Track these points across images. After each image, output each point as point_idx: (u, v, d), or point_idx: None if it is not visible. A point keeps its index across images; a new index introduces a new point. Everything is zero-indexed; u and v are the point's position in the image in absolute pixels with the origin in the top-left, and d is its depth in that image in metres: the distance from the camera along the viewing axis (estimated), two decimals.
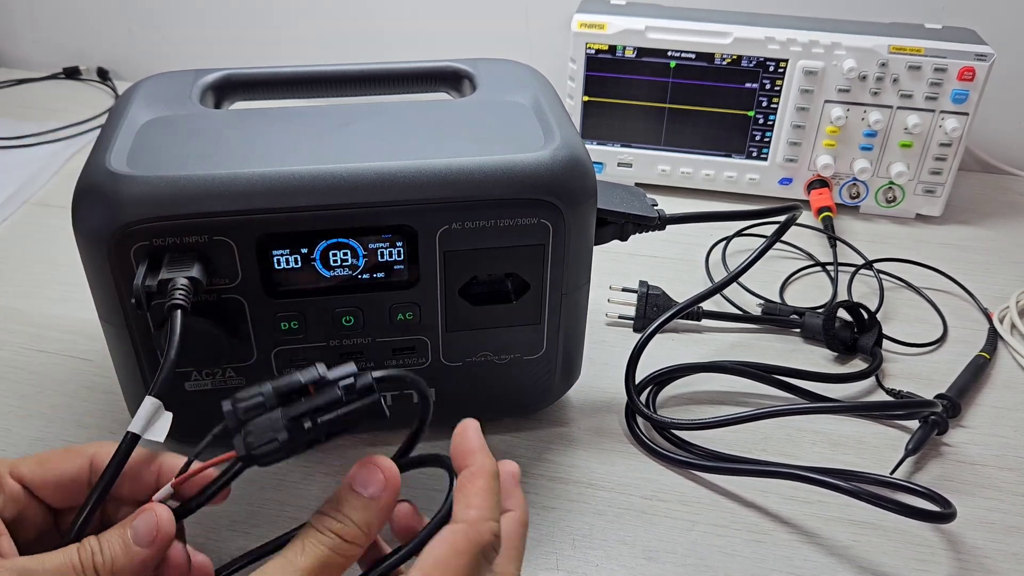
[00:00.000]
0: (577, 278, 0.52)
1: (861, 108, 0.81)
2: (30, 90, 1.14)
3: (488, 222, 0.48)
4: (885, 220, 0.87)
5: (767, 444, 0.58)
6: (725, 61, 0.82)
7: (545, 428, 0.59)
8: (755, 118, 0.84)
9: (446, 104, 0.54)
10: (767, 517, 0.53)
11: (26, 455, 0.40)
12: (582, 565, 0.50)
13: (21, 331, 0.67)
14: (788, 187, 0.87)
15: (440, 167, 0.46)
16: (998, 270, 0.78)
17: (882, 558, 0.50)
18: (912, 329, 0.70)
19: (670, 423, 0.57)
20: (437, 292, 0.50)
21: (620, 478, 0.55)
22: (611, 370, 0.62)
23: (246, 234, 0.45)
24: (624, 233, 0.56)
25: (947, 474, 0.56)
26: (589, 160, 0.50)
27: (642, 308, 0.69)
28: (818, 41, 0.79)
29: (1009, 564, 0.50)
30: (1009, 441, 0.59)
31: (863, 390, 0.64)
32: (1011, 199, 0.92)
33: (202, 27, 1.13)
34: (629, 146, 0.88)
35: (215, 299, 0.47)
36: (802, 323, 0.68)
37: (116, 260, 0.44)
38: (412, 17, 1.03)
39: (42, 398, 0.61)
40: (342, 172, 0.46)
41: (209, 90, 0.56)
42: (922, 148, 0.82)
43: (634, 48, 0.83)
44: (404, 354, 0.52)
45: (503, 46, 1.03)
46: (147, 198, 0.44)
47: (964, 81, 0.78)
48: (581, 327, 0.56)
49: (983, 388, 0.64)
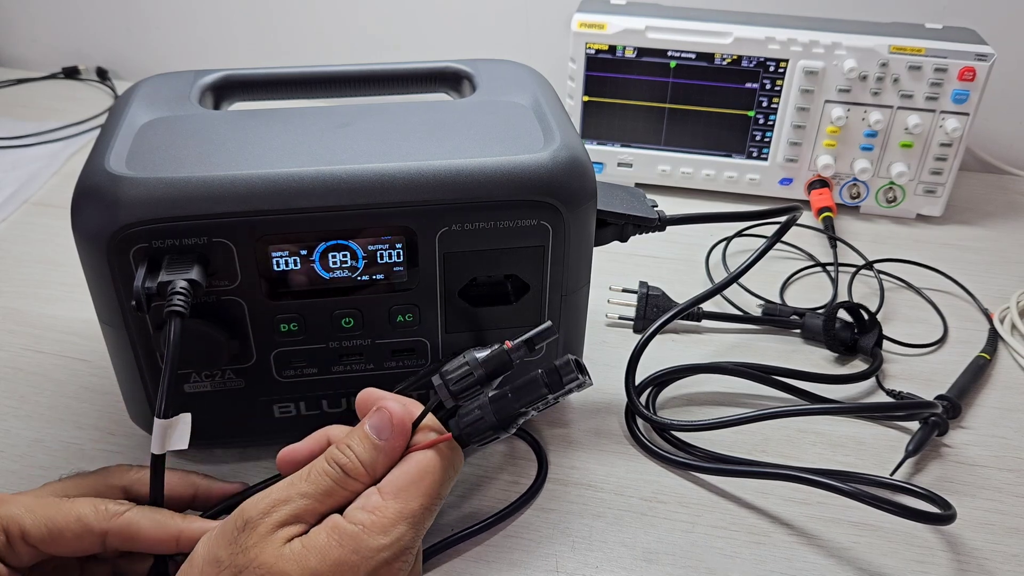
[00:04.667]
0: (577, 279, 0.52)
1: (861, 108, 0.81)
2: (29, 90, 1.13)
3: (488, 223, 0.47)
4: (885, 220, 0.87)
5: (767, 445, 0.58)
6: (725, 61, 0.82)
7: (545, 428, 0.59)
8: (755, 118, 0.84)
9: (446, 105, 0.54)
10: (767, 518, 0.53)
11: (32, 506, 0.41)
12: (581, 567, 0.50)
13: (20, 331, 0.67)
14: (788, 187, 0.87)
15: (440, 168, 0.46)
16: (998, 270, 0.78)
17: (882, 559, 0.50)
18: (912, 330, 0.70)
19: (670, 424, 0.57)
20: (436, 294, 0.50)
21: (620, 479, 0.55)
22: (611, 371, 0.62)
23: (246, 236, 0.45)
24: (624, 234, 0.56)
25: (947, 475, 0.56)
26: (589, 161, 0.50)
27: (642, 309, 0.69)
28: (818, 41, 0.79)
29: (1009, 565, 0.50)
30: (1009, 442, 0.59)
31: (863, 391, 0.64)
32: (1011, 199, 0.91)
33: (202, 27, 1.13)
34: (629, 146, 0.88)
35: (214, 300, 0.47)
36: (802, 324, 0.68)
37: (115, 262, 0.44)
38: (412, 17, 1.03)
39: (41, 399, 0.61)
40: (341, 173, 0.46)
41: (208, 91, 0.56)
42: (922, 148, 0.82)
43: (634, 48, 0.83)
44: (403, 356, 0.52)
45: (503, 46, 1.03)
46: (146, 200, 0.44)
47: (964, 81, 0.78)
48: (581, 328, 0.56)
49: (983, 389, 0.64)
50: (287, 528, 0.38)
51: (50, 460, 0.55)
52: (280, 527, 0.38)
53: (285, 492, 0.39)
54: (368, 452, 0.40)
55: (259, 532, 0.37)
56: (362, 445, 0.40)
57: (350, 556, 0.37)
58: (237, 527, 0.38)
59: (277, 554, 0.37)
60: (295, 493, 0.39)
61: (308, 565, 0.37)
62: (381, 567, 0.38)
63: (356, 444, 0.41)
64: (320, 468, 0.40)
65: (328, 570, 0.37)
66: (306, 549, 0.37)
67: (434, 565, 0.49)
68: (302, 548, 0.37)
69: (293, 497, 0.39)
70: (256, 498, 0.39)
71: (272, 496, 0.39)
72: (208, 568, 0.37)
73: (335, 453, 0.40)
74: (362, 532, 0.38)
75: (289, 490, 0.39)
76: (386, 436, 0.40)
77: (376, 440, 0.40)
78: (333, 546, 0.37)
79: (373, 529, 0.38)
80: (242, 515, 0.38)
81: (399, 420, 0.41)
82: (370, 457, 0.40)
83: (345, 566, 0.37)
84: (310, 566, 0.37)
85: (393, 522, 0.38)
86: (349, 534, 0.38)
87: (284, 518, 0.38)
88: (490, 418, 0.42)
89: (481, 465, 0.56)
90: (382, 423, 0.41)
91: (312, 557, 0.37)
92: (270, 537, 0.37)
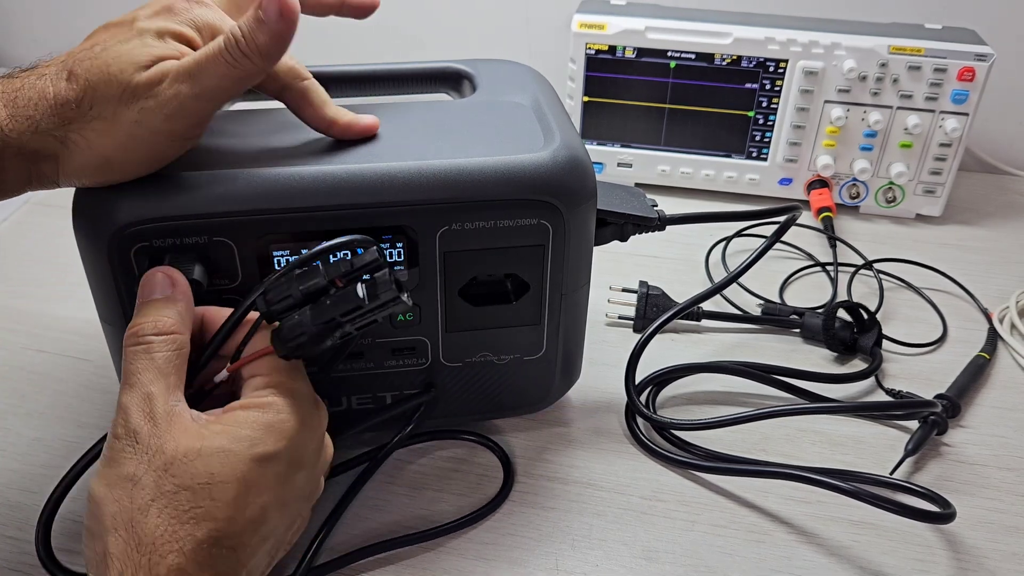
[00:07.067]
0: (577, 278, 0.52)
1: (861, 108, 0.81)
2: None
3: (488, 223, 0.48)
4: (885, 220, 0.87)
5: (767, 444, 0.58)
6: (725, 61, 0.82)
7: (545, 428, 0.59)
8: (755, 118, 0.84)
9: (446, 105, 0.54)
10: (767, 517, 0.53)
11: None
12: (581, 565, 0.50)
13: (21, 331, 0.67)
14: (788, 187, 0.87)
15: (440, 168, 0.46)
16: (998, 270, 0.78)
17: (882, 558, 0.50)
18: (912, 329, 0.70)
19: (670, 423, 0.58)
20: (437, 293, 0.50)
21: (620, 478, 0.55)
22: (611, 370, 0.62)
23: (246, 235, 0.45)
24: (624, 233, 0.56)
25: (947, 474, 0.56)
26: (589, 161, 0.50)
27: (642, 308, 0.69)
28: (818, 41, 0.79)
29: (1009, 564, 0.50)
30: (1009, 441, 0.59)
31: (863, 390, 0.64)
32: (1011, 199, 0.92)
33: None
34: (629, 146, 0.88)
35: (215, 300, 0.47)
36: (802, 323, 0.68)
37: (117, 261, 0.44)
38: (412, 17, 1.03)
39: (42, 398, 0.61)
40: (342, 173, 0.46)
41: None
42: (922, 148, 0.82)
43: (634, 48, 0.83)
44: (404, 354, 0.52)
45: (503, 46, 1.03)
46: (147, 199, 0.44)
47: (964, 81, 0.78)
48: (581, 327, 0.56)
49: (983, 388, 0.64)
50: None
51: (51, 459, 0.56)
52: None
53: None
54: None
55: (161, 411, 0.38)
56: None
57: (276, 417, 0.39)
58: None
59: (196, 432, 0.37)
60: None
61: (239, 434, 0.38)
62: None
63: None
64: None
65: (260, 434, 0.38)
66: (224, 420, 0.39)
67: (433, 564, 0.49)
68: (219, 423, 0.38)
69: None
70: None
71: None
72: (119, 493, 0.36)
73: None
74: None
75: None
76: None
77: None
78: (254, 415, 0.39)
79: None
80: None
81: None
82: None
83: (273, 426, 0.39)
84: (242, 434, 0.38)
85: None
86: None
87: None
88: (307, 323, 0.40)
89: (451, 474, 0.56)
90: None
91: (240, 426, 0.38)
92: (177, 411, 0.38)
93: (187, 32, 0.43)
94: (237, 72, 0.40)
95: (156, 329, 0.39)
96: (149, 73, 0.40)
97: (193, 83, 0.40)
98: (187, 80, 0.40)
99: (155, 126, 0.41)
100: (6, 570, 0.48)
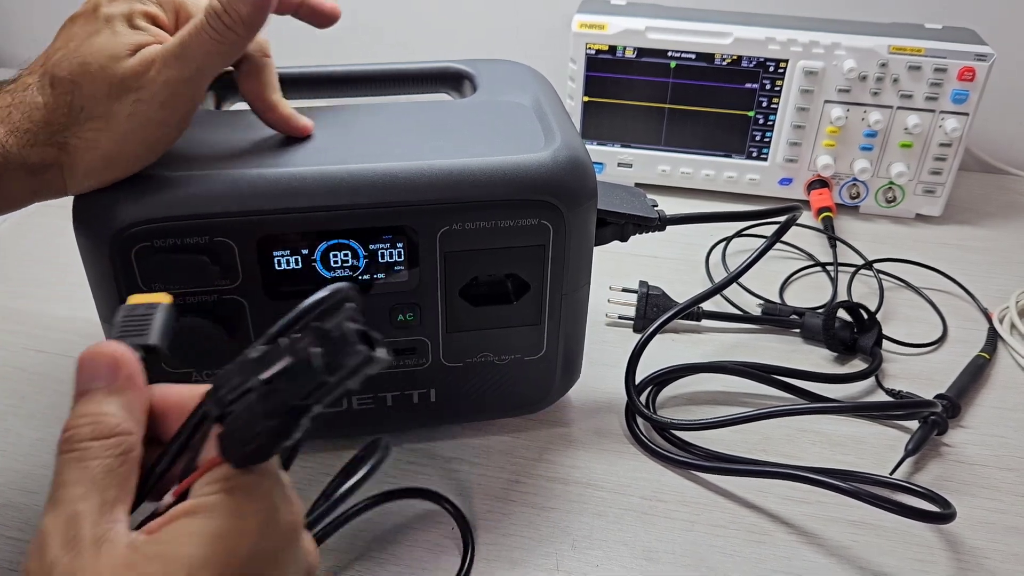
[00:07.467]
0: (577, 278, 0.52)
1: (861, 108, 0.81)
2: None
3: (488, 223, 0.48)
4: (885, 220, 0.87)
5: (767, 444, 0.58)
6: (725, 61, 0.82)
7: (545, 428, 0.59)
8: (755, 118, 0.84)
9: (446, 105, 0.54)
10: (767, 517, 0.53)
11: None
12: (582, 565, 0.50)
13: (21, 331, 0.67)
14: (788, 187, 0.87)
15: (440, 168, 0.46)
16: (998, 270, 0.78)
17: (882, 558, 0.50)
18: (912, 329, 0.70)
19: (670, 423, 0.58)
20: (437, 293, 0.50)
21: (620, 478, 0.55)
22: (611, 370, 0.62)
23: (247, 235, 0.45)
24: (624, 233, 0.56)
25: (947, 474, 0.56)
26: (589, 161, 0.50)
27: (642, 308, 0.69)
28: (818, 41, 0.79)
29: (1009, 564, 0.50)
30: (1009, 441, 0.59)
31: (863, 390, 0.64)
32: (1011, 199, 0.92)
33: None
34: (629, 146, 0.88)
35: (216, 300, 0.47)
36: (802, 323, 0.68)
37: (117, 261, 0.44)
38: (412, 17, 1.03)
39: (42, 398, 0.61)
40: (342, 173, 0.46)
41: (209, 90, 0.56)
42: (922, 148, 0.82)
43: (634, 48, 0.83)
44: (405, 355, 0.52)
45: (503, 46, 1.03)
46: (147, 199, 0.44)
47: (964, 81, 0.78)
48: (581, 327, 0.56)
49: (983, 388, 0.64)
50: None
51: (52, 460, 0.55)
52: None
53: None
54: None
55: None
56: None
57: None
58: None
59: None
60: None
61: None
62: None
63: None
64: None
65: (203, 551, 0.28)
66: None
67: (433, 563, 0.49)
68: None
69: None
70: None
71: None
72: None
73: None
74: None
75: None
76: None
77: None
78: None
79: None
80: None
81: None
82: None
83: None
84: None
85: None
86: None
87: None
88: (259, 419, 0.28)
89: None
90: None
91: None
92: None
93: (151, 10, 0.42)
94: (223, 46, 0.40)
95: (95, 433, 0.30)
96: (133, 63, 0.40)
97: (182, 66, 0.40)
98: (175, 64, 0.40)
99: (150, 115, 0.41)
100: (6, 570, 0.48)
